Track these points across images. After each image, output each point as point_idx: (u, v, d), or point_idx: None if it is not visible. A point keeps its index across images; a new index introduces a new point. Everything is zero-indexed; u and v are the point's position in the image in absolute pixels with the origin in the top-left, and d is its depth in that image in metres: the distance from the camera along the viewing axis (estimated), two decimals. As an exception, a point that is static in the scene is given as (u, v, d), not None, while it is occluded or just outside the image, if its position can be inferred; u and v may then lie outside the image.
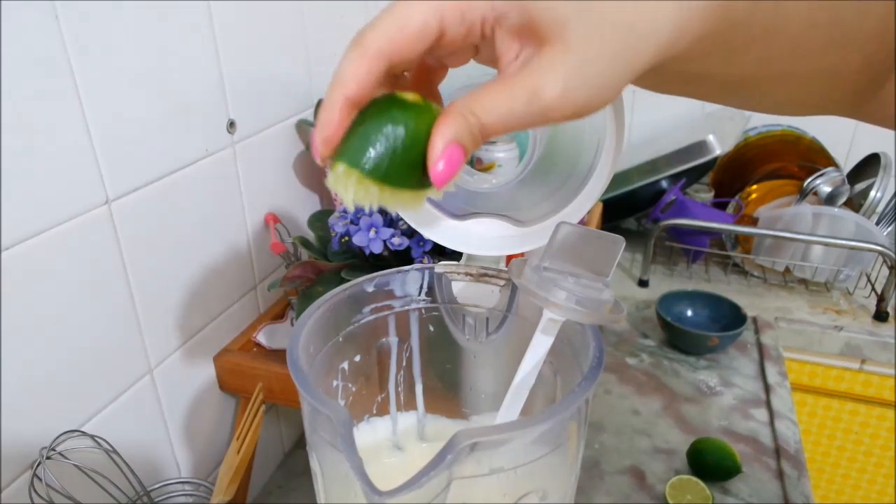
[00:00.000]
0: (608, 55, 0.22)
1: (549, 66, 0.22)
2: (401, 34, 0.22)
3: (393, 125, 0.24)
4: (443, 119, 0.23)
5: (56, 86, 0.44)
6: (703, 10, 0.23)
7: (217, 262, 0.65)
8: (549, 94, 0.22)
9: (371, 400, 0.46)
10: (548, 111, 0.23)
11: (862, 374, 1.00)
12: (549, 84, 0.22)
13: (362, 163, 0.24)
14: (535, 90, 0.22)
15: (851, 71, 0.26)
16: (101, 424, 0.52)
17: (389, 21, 0.22)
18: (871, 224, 0.99)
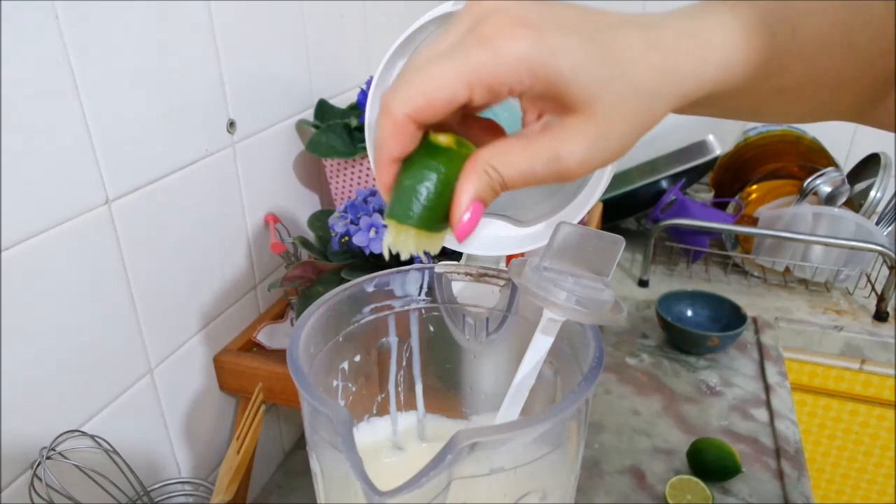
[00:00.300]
0: (630, 120, 0.24)
1: (571, 134, 0.24)
2: (427, 105, 0.23)
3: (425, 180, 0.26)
4: (467, 175, 0.25)
5: (56, 85, 0.44)
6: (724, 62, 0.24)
7: (217, 261, 0.65)
8: (571, 160, 0.24)
9: (371, 400, 0.46)
10: (567, 174, 0.24)
11: (862, 374, 1.00)
12: (571, 151, 0.24)
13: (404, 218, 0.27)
14: (558, 155, 0.24)
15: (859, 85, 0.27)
16: (101, 424, 0.52)
17: (416, 90, 0.23)
18: (871, 224, 0.99)
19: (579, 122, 0.23)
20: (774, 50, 0.25)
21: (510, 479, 0.31)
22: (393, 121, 0.23)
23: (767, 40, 0.25)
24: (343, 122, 0.75)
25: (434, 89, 0.22)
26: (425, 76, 0.23)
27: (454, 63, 0.22)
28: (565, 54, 0.22)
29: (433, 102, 0.23)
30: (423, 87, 0.23)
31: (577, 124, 0.24)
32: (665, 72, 0.24)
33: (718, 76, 0.25)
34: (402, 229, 0.27)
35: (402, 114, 0.23)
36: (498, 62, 0.22)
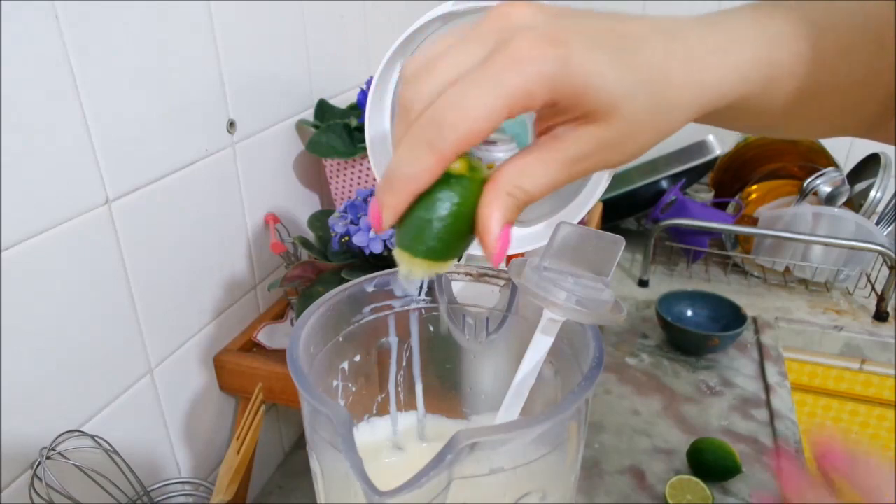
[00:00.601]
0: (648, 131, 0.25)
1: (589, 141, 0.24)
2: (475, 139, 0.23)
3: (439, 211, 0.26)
4: (491, 201, 0.25)
5: (56, 85, 0.44)
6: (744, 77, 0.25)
7: (217, 262, 0.65)
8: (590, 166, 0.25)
9: (371, 400, 0.46)
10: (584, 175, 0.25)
11: (862, 374, 1.00)
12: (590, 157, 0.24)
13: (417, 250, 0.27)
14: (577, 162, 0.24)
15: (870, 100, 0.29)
16: (101, 424, 0.52)
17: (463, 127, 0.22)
18: (871, 224, 0.99)
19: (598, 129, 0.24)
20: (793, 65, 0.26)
21: (510, 479, 0.31)
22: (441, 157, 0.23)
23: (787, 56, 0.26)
24: (343, 122, 0.75)
25: (479, 122, 0.22)
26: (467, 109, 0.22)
27: (492, 91, 0.22)
28: (594, 71, 0.22)
29: (479, 134, 0.23)
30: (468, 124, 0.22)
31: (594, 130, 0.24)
32: (686, 85, 0.24)
33: (737, 90, 0.25)
34: (414, 261, 0.27)
35: (451, 150, 0.23)
36: (533, 83, 0.22)
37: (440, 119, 0.23)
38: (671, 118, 0.25)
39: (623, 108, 0.23)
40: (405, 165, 0.24)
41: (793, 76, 0.26)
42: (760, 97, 0.26)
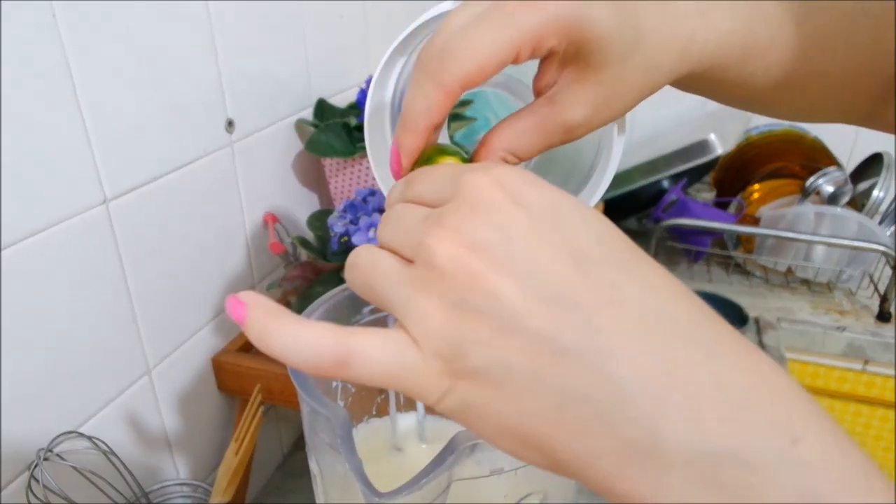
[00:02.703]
0: (633, 91, 0.25)
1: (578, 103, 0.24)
2: (479, 72, 0.22)
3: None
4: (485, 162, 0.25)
5: (53, 85, 0.44)
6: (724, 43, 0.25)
7: (215, 262, 0.64)
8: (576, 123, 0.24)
9: (370, 401, 0.46)
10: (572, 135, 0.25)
11: (865, 375, 1.00)
12: (577, 114, 0.24)
13: None
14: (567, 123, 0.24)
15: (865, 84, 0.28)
16: (99, 425, 0.52)
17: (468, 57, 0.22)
18: (874, 224, 0.98)
19: (587, 88, 0.24)
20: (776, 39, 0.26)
21: (511, 480, 0.31)
22: (445, 90, 0.22)
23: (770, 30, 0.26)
24: (342, 122, 0.74)
25: (486, 55, 0.22)
26: (475, 42, 0.22)
27: (503, 27, 0.22)
28: (600, 20, 0.22)
29: (485, 69, 0.22)
30: (474, 54, 0.22)
31: (584, 90, 0.24)
32: (672, 46, 0.24)
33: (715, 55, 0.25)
34: None
35: (455, 82, 0.22)
36: (546, 23, 0.22)
37: (447, 52, 0.22)
38: (655, 78, 0.25)
39: (618, 63, 0.23)
40: (415, 102, 0.23)
41: (774, 51, 0.26)
42: (740, 68, 0.26)
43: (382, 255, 0.20)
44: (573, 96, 0.24)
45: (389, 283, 0.19)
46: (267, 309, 0.19)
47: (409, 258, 0.19)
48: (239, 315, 0.20)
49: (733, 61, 0.26)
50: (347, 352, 0.18)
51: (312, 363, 0.18)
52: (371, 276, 0.20)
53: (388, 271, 0.20)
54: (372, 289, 0.20)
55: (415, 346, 0.18)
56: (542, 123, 0.24)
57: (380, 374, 0.18)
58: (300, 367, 0.19)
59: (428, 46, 0.23)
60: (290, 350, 0.19)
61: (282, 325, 0.19)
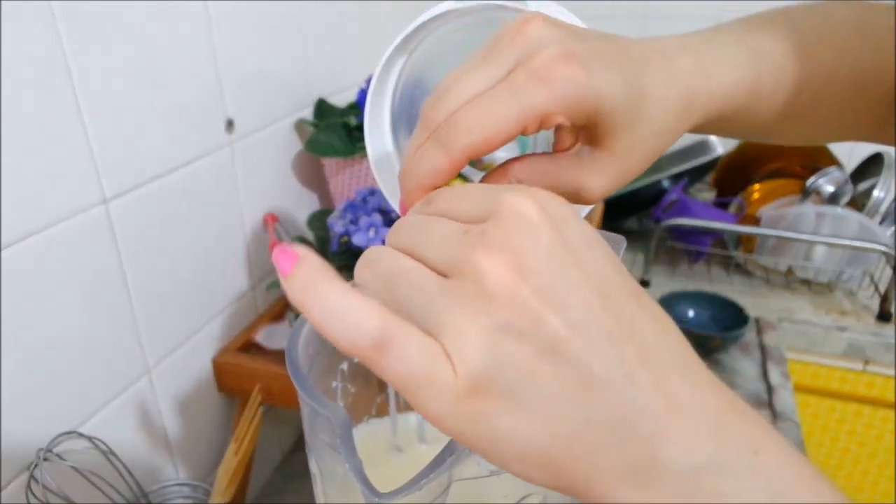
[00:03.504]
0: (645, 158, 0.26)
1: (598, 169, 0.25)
2: (486, 145, 0.23)
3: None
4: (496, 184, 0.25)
5: (53, 85, 0.44)
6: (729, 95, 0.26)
7: (215, 262, 0.64)
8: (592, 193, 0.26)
9: (371, 401, 0.45)
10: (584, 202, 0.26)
11: (865, 375, 1.00)
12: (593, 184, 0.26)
13: None
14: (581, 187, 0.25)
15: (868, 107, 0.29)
16: (99, 426, 0.52)
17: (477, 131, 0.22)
18: (875, 224, 0.98)
19: (606, 157, 0.25)
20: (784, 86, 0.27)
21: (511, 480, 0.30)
22: (452, 160, 0.23)
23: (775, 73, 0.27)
24: (342, 122, 0.74)
25: (493, 131, 0.22)
26: (482, 118, 0.22)
27: (512, 102, 0.22)
28: (608, 93, 0.23)
29: (491, 143, 0.23)
30: (482, 129, 0.22)
31: (604, 158, 0.25)
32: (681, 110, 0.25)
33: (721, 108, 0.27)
34: None
35: (462, 153, 0.23)
36: (553, 100, 0.22)
37: (455, 123, 0.23)
38: (664, 140, 0.26)
39: (627, 132, 0.24)
40: (421, 163, 0.24)
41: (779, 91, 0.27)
42: (746, 110, 0.27)
43: (410, 261, 0.20)
44: (595, 162, 0.25)
45: (422, 292, 0.19)
46: (319, 266, 0.19)
47: (440, 270, 0.19)
48: (286, 265, 0.19)
49: (739, 107, 0.27)
50: (389, 339, 0.18)
51: (350, 337, 0.18)
52: (399, 280, 0.20)
53: (420, 280, 0.19)
54: (398, 292, 0.19)
55: (447, 361, 0.18)
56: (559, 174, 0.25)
57: (404, 375, 0.18)
58: (335, 336, 0.18)
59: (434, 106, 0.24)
60: (330, 316, 0.18)
61: (331, 286, 0.18)
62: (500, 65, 0.24)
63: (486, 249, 0.18)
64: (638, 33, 0.28)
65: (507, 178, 0.26)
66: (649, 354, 0.18)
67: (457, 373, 0.18)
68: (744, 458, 0.18)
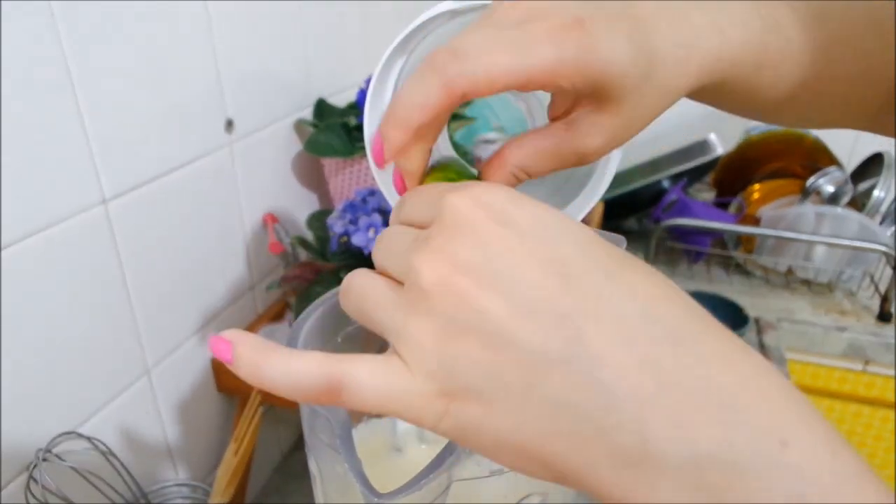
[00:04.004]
0: (649, 114, 0.25)
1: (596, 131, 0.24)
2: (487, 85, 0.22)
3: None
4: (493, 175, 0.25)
5: (53, 85, 0.44)
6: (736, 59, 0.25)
7: (215, 262, 0.64)
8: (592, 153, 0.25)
9: (370, 401, 0.45)
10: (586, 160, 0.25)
11: (865, 375, 1.00)
12: (593, 144, 0.24)
13: None
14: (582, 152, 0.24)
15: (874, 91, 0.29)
16: (98, 426, 0.52)
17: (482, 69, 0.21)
18: (875, 224, 0.98)
19: (605, 119, 0.24)
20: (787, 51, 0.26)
21: (511, 480, 0.30)
22: (448, 89, 0.21)
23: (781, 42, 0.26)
24: (342, 122, 0.74)
25: (498, 72, 0.21)
26: (492, 55, 0.21)
27: (521, 54, 0.21)
28: (614, 57, 0.22)
29: (493, 83, 0.21)
30: (488, 65, 0.21)
31: (602, 120, 0.24)
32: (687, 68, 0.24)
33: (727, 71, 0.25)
34: None
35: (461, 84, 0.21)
36: (562, 63, 0.22)
37: (462, 53, 0.21)
38: (670, 99, 0.25)
39: (634, 94, 0.23)
40: (411, 93, 0.22)
41: (784, 63, 0.26)
42: (751, 80, 0.26)
43: (374, 280, 0.20)
44: (591, 126, 0.24)
45: (381, 307, 0.19)
46: (253, 345, 0.20)
47: (399, 281, 0.20)
48: (225, 355, 0.20)
49: (745, 74, 0.26)
50: (339, 379, 0.18)
51: (304, 393, 0.19)
52: (363, 301, 0.20)
53: (379, 296, 0.20)
54: (365, 314, 0.20)
55: (407, 371, 0.18)
56: (559, 147, 0.25)
57: (372, 400, 0.18)
58: (294, 398, 0.19)
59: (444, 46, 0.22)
60: (281, 383, 0.19)
61: (270, 359, 0.19)
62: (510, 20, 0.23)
63: (423, 253, 0.18)
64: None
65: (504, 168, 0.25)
66: (626, 330, 0.16)
67: (415, 378, 0.18)
68: (764, 449, 0.15)
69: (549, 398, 0.16)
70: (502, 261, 0.17)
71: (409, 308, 0.18)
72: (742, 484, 0.15)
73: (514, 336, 0.17)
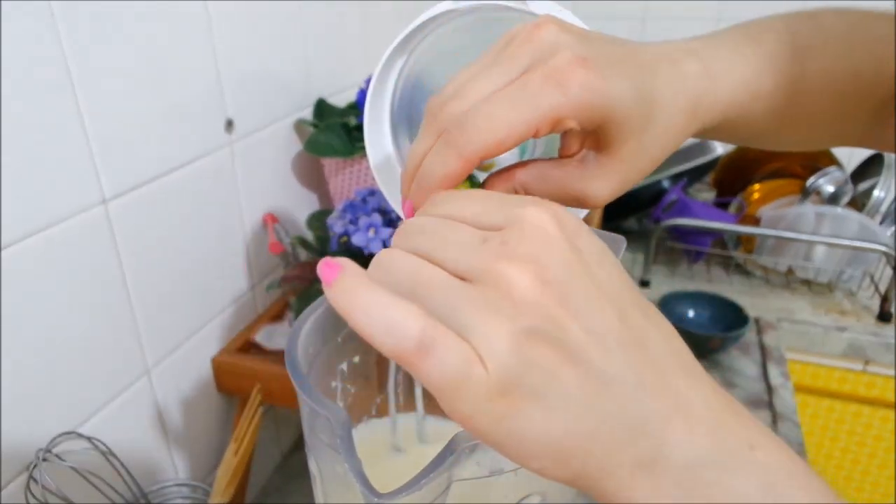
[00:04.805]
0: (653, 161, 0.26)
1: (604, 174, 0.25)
2: (499, 148, 0.23)
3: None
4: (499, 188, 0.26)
5: (53, 85, 0.44)
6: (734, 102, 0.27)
7: (215, 262, 0.64)
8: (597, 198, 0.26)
9: (370, 401, 0.45)
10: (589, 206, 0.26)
11: (865, 375, 1.00)
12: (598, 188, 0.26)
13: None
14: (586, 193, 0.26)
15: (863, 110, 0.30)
16: (98, 426, 0.52)
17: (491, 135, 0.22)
18: (875, 224, 0.98)
19: (610, 162, 0.25)
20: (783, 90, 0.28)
21: (511, 480, 0.30)
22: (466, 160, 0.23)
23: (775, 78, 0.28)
24: (342, 122, 0.74)
25: (506, 133, 0.22)
26: (495, 119, 0.22)
27: (527, 104, 0.22)
28: (621, 100, 0.23)
29: (504, 144, 0.23)
30: (495, 130, 0.22)
31: (608, 164, 0.25)
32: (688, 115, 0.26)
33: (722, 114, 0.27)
34: None
35: (475, 154, 0.23)
36: (569, 104, 0.22)
37: (469, 124, 0.23)
38: (670, 145, 0.26)
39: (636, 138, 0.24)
40: (433, 167, 0.24)
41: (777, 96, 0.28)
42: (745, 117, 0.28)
43: (428, 265, 0.20)
44: (597, 168, 0.25)
45: (447, 297, 0.19)
46: (360, 275, 0.19)
47: (460, 274, 0.20)
48: (329, 274, 0.19)
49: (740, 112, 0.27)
50: (430, 343, 0.18)
51: (394, 341, 0.18)
52: (419, 283, 0.20)
53: (444, 285, 0.20)
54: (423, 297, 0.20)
55: (480, 363, 0.18)
56: (564, 181, 0.26)
57: (444, 377, 0.18)
58: (379, 340, 0.18)
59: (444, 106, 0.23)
60: (374, 321, 0.18)
61: (373, 294, 0.19)
62: (513, 67, 0.23)
63: (510, 259, 0.19)
64: (637, 33, 0.28)
65: (510, 184, 0.26)
66: (657, 360, 0.19)
67: (489, 374, 0.18)
68: (740, 453, 0.19)
69: (602, 410, 0.19)
70: (579, 283, 0.19)
71: (489, 307, 0.19)
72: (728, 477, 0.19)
73: (588, 355, 0.19)
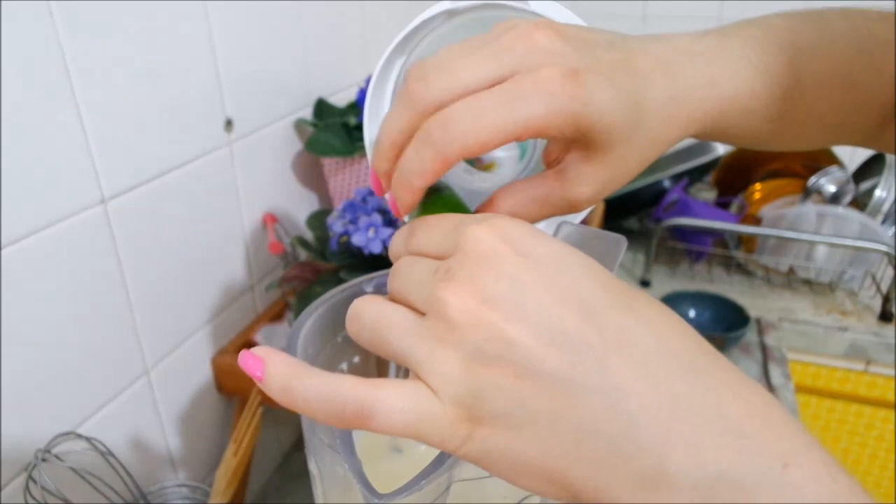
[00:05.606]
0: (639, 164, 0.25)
1: (586, 179, 0.25)
2: (480, 148, 0.23)
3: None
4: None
5: (52, 85, 0.44)
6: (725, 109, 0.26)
7: (214, 262, 0.64)
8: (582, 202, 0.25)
9: (370, 401, 0.45)
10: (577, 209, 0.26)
11: (867, 375, 1.00)
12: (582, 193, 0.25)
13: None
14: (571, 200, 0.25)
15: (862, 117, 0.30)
16: (98, 426, 0.52)
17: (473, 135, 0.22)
18: (877, 224, 0.98)
19: (595, 168, 0.25)
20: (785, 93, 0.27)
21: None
22: (444, 159, 0.23)
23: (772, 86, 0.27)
24: (341, 121, 0.74)
25: (489, 135, 0.22)
26: (479, 120, 0.22)
27: (510, 111, 0.22)
28: (607, 111, 0.23)
29: (486, 146, 0.23)
30: (478, 131, 0.22)
31: (592, 169, 0.25)
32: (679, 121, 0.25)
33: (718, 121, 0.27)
34: None
35: (455, 154, 0.23)
36: (552, 115, 0.22)
37: (452, 123, 0.22)
38: (659, 150, 0.26)
39: (623, 144, 0.24)
40: (411, 163, 0.24)
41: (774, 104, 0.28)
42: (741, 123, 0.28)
43: (391, 307, 0.21)
44: (579, 174, 0.25)
45: (402, 334, 0.20)
46: (286, 364, 0.20)
47: (421, 310, 0.20)
48: (256, 372, 0.20)
49: (739, 116, 0.27)
50: (371, 404, 0.19)
51: (335, 417, 0.19)
52: (381, 327, 0.20)
53: (399, 323, 0.20)
54: (382, 340, 0.20)
55: (434, 397, 0.19)
56: (549, 196, 0.25)
57: (400, 425, 0.19)
58: (323, 421, 0.19)
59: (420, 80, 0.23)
60: (312, 405, 0.19)
61: (302, 380, 0.19)
62: (500, 64, 0.23)
63: (449, 284, 0.19)
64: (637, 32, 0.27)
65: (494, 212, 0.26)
66: (645, 362, 0.17)
67: (444, 405, 0.18)
68: (769, 472, 0.16)
69: (576, 425, 0.17)
70: (527, 293, 0.18)
71: (434, 338, 0.19)
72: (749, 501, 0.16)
73: (543, 365, 0.17)
